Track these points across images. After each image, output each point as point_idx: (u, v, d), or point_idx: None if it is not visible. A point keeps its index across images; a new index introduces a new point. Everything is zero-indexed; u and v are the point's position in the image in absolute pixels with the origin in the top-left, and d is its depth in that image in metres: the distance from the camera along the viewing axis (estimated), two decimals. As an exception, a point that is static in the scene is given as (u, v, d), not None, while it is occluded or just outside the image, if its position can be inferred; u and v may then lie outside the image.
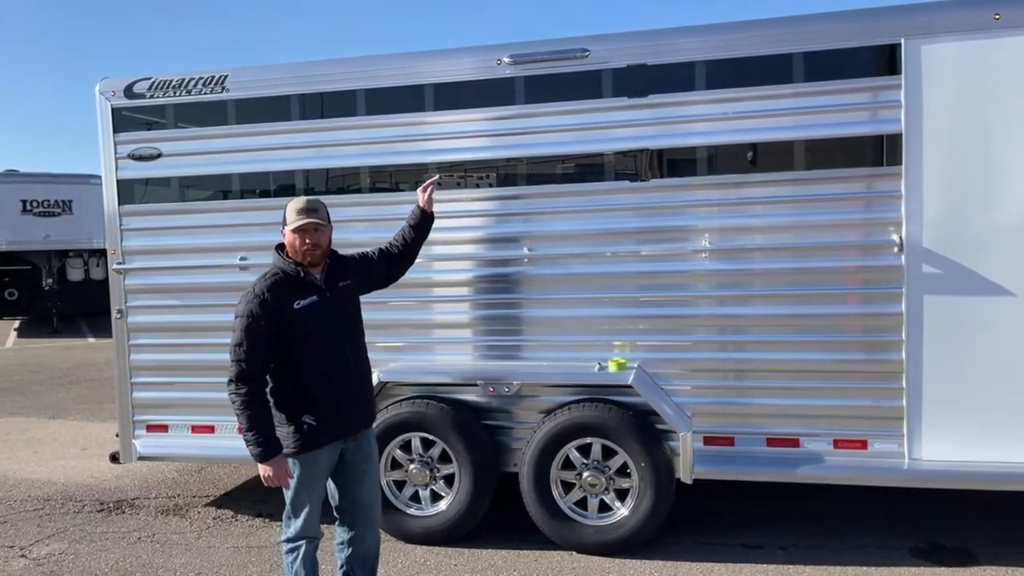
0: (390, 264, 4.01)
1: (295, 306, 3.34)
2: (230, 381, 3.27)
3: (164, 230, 5.20)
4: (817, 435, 4.36)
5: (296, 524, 3.45)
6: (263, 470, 3.30)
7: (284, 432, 3.37)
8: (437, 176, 4.50)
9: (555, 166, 4.67)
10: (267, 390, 3.38)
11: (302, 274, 3.43)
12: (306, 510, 3.43)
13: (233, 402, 3.27)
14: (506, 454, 4.72)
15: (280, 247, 3.51)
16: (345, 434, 3.49)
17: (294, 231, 3.40)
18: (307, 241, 3.41)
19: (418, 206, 4.24)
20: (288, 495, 3.43)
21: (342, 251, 4.72)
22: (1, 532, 5.20)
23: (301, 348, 3.35)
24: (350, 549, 3.60)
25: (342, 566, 3.63)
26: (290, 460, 3.39)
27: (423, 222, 4.21)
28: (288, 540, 3.48)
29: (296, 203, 3.47)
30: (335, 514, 3.62)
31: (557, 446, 4.51)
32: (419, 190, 4.28)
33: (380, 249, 4.04)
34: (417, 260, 4.75)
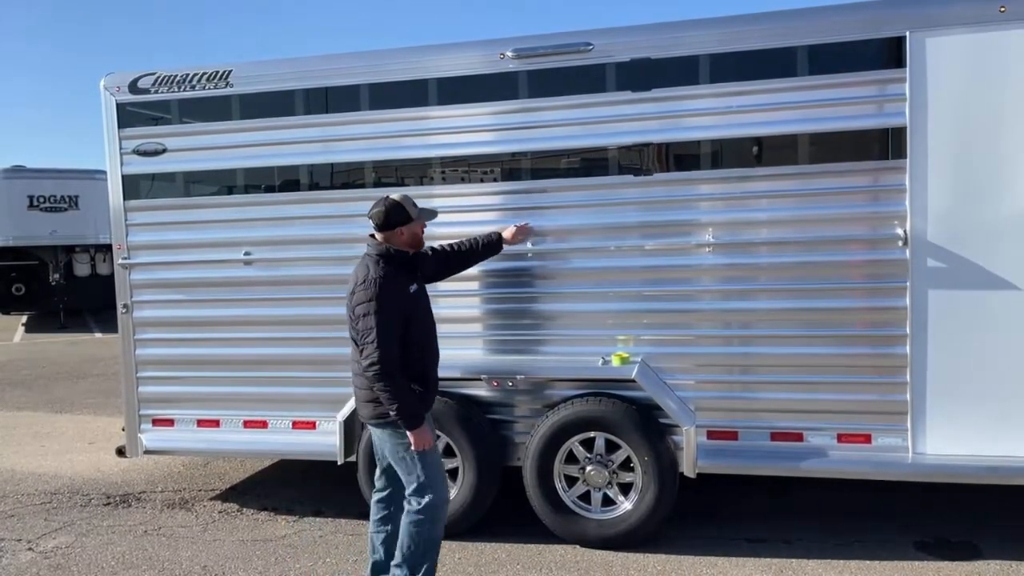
0: (439, 264, 4.28)
1: (411, 290, 3.73)
2: (373, 364, 3.51)
3: (169, 225, 5.21)
4: (821, 429, 4.35)
5: (435, 488, 3.68)
6: (418, 435, 3.58)
7: None
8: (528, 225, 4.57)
9: (559, 160, 4.66)
10: None
11: (415, 264, 3.84)
12: (439, 471, 3.76)
13: (380, 380, 3.52)
14: (510, 448, 4.73)
15: (372, 235, 3.79)
16: (431, 406, 3.84)
17: (421, 224, 3.84)
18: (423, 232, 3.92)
19: (500, 235, 4.46)
20: (418, 466, 3.66)
21: (352, 246, 4.82)
22: (8, 525, 5.24)
23: (415, 328, 3.69)
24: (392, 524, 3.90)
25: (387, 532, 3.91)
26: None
27: (494, 247, 4.45)
28: (431, 506, 3.67)
29: (408, 198, 3.82)
30: (378, 483, 3.93)
31: (560, 440, 4.51)
32: (514, 228, 4.49)
33: (433, 248, 4.27)
34: (422, 254, 4.80)
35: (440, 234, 4.77)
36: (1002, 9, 3.97)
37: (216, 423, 5.21)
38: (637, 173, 4.51)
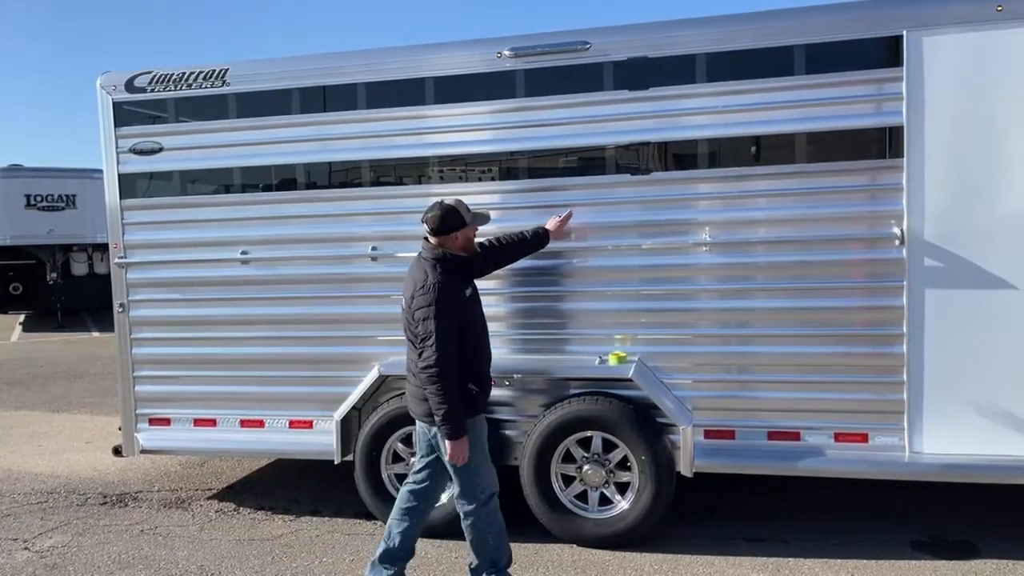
0: (486, 260, 4.26)
1: (466, 294, 3.81)
2: (429, 366, 3.57)
3: (166, 224, 5.20)
4: (818, 428, 4.35)
5: (484, 484, 3.81)
6: (456, 447, 3.64)
7: None
8: (570, 212, 4.54)
9: (556, 160, 4.66)
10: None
11: (470, 267, 3.92)
12: (487, 466, 3.86)
13: (434, 383, 3.58)
14: (507, 447, 4.71)
15: (426, 238, 3.85)
16: (485, 406, 3.94)
17: (474, 228, 3.92)
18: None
19: (546, 228, 4.45)
20: (466, 469, 3.75)
21: (349, 245, 4.92)
22: (5, 525, 5.23)
23: (470, 330, 3.76)
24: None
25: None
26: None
27: (541, 240, 4.44)
28: (482, 504, 3.80)
29: (461, 202, 3.90)
30: (417, 476, 3.97)
31: (557, 440, 4.51)
32: (556, 220, 4.47)
33: (481, 244, 4.24)
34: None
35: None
36: (999, 8, 3.96)
37: (213, 422, 5.21)
38: (634, 172, 4.51)
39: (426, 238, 3.86)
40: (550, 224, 4.48)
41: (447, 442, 3.65)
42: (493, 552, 3.88)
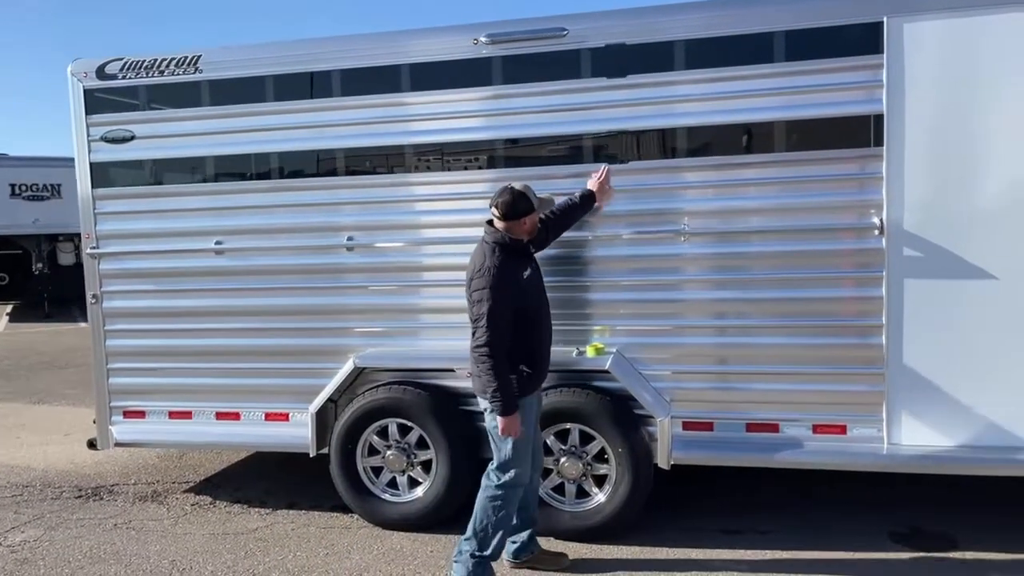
0: (548, 231, 4.22)
1: (524, 276, 3.86)
2: (480, 346, 3.70)
3: (139, 214, 5.11)
4: (796, 420, 4.31)
5: (517, 471, 3.87)
6: (506, 422, 3.74)
7: None
8: (606, 167, 4.39)
9: (533, 148, 4.59)
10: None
11: (529, 249, 3.98)
12: (525, 457, 3.91)
13: (483, 363, 3.70)
14: (483, 439, 4.65)
15: (490, 222, 3.90)
16: (541, 385, 4.00)
17: (538, 213, 3.97)
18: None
19: (589, 189, 4.35)
20: (508, 444, 3.83)
21: (323, 236, 4.84)
22: (-23, 519, 5.17)
23: (527, 311, 3.83)
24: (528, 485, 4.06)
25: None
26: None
27: (588, 202, 4.35)
28: (504, 486, 3.87)
29: (529, 187, 3.92)
30: None
31: (534, 432, 4.46)
32: (595, 180, 4.35)
33: (539, 218, 4.16)
34: (396, 244, 4.75)
35: (415, 223, 4.74)
36: (980, -6, 3.90)
37: (188, 415, 5.13)
38: (612, 161, 4.44)
39: (490, 221, 3.90)
40: (591, 184, 4.36)
41: (500, 419, 3.75)
42: (485, 538, 3.89)
